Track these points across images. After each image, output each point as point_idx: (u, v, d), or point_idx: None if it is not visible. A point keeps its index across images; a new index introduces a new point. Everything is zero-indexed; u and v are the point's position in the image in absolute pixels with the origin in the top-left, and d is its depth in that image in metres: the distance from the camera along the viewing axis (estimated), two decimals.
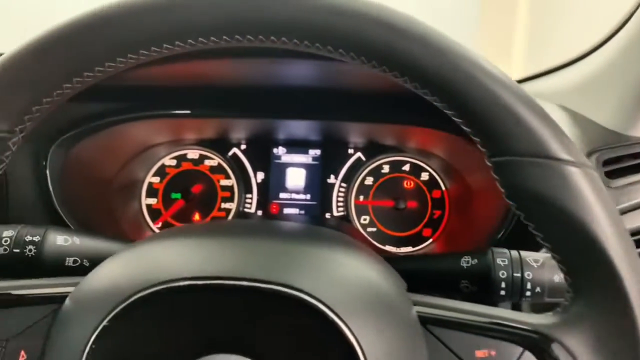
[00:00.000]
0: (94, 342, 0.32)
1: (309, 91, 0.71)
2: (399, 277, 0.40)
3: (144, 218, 0.85)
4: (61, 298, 0.36)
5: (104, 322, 0.32)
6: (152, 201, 0.86)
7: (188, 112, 0.72)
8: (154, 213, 0.85)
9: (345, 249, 0.39)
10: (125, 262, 0.36)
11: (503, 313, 0.37)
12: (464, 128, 0.34)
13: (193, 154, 0.86)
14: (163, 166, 0.86)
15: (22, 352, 0.35)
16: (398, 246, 0.84)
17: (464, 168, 0.79)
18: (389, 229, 0.85)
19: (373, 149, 0.84)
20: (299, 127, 0.81)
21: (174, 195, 0.85)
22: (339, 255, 0.37)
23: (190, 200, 0.85)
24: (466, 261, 0.51)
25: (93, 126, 0.69)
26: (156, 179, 0.86)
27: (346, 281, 0.35)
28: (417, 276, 0.51)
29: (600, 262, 0.32)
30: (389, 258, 0.44)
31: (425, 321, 0.36)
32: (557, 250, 0.34)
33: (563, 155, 0.33)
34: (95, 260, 0.45)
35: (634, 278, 0.32)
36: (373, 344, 0.32)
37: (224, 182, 0.86)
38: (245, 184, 0.85)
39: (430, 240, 0.85)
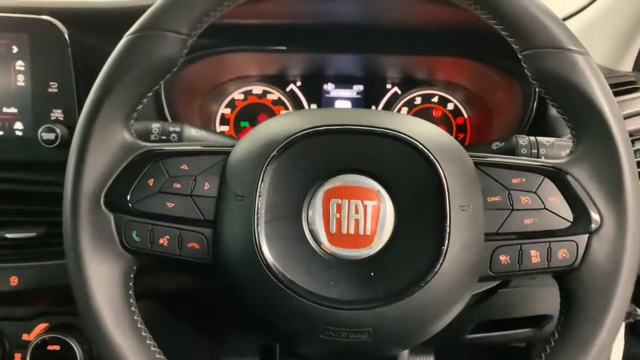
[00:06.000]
0: (267, 165, 0.49)
1: (353, 28, 0.87)
2: None
3: None
4: (226, 152, 0.54)
5: (274, 152, 0.50)
6: (225, 128, 1.03)
7: (284, 47, 0.88)
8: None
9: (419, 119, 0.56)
10: (278, 122, 0.54)
11: (528, 159, 0.55)
12: (502, 33, 0.51)
13: (257, 89, 1.02)
14: (233, 100, 1.02)
15: (206, 183, 0.53)
16: None
17: (486, 94, 0.96)
18: None
19: (407, 84, 1.01)
20: (346, 63, 0.97)
21: (242, 124, 1.02)
22: (417, 120, 0.55)
23: None
24: (496, 145, 0.69)
25: (195, 56, 0.86)
26: (227, 110, 1.02)
27: (433, 133, 0.53)
28: None
29: (596, 118, 0.50)
30: None
31: (477, 164, 0.53)
32: (568, 115, 0.52)
33: (571, 46, 0.50)
34: None
35: (618, 127, 0.50)
36: (452, 174, 0.49)
37: (284, 113, 1.02)
38: None
39: None
